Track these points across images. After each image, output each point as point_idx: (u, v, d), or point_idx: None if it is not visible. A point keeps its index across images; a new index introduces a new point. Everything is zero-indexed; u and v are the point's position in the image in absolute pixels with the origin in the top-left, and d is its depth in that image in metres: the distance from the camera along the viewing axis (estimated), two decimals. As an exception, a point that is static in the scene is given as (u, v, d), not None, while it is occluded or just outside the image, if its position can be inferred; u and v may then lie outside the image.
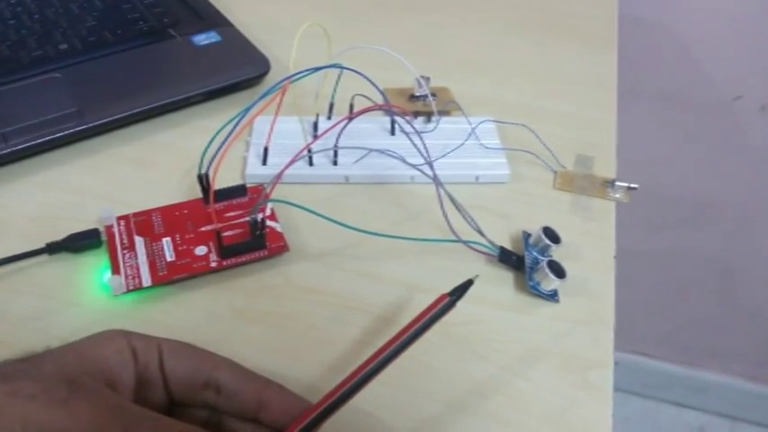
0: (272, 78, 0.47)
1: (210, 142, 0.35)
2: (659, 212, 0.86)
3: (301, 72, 0.36)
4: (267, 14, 0.55)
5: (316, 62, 0.36)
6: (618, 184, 0.39)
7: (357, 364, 0.30)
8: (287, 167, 0.34)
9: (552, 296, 0.33)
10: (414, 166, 0.35)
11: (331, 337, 0.32)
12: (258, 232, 0.33)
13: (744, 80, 0.72)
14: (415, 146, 0.35)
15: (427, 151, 0.34)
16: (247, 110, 0.35)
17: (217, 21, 0.51)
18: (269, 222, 0.35)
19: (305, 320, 0.32)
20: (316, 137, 0.41)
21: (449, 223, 0.33)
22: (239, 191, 0.37)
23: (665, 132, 0.78)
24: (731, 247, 0.87)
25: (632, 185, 0.39)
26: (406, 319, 0.32)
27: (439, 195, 0.34)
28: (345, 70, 0.38)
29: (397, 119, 0.41)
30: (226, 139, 0.34)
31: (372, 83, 0.39)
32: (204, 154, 0.35)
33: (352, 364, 0.31)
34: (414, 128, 0.35)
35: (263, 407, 0.25)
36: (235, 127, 0.34)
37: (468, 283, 0.28)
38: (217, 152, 0.34)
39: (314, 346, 0.31)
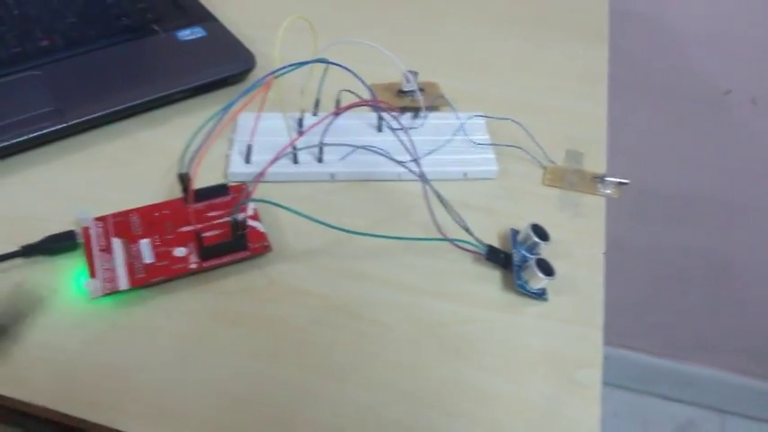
0: (258, 74, 0.46)
1: (191, 140, 0.34)
2: (649, 206, 0.86)
3: (285, 67, 0.35)
4: (254, 9, 0.54)
5: (302, 57, 0.36)
6: (608, 179, 0.39)
7: (341, 366, 0.30)
8: (269, 166, 0.33)
9: (540, 295, 0.33)
10: (399, 162, 0.34)
11: (314, 338, 0.31)
12: (239, 232, 0.32)
13: (734, 74, 0.72)
14: (401, 142, 0.34)
15: (414, 148, 0.34)
16: (228, 107, 0.34)
17: (202, 16, 0.50)
18: (251, 222, 0.34)
19: (288, 322, 0.32)
20: (300, 134, 0.40)
21: (435, 221, 0.33)
22: (221, 190, 0.36)
23: (656, 126, 0.77)
24: (721, 241, 0.87)
25: (623, 180, 0.39)
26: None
27: (425, 193, 0.33)
28: (332, 65, 0.37)
29: (384, 115, 0.41)
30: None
31: (359, 78, 0.38)
32: (185, 152, 0.34)
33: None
34: (400, 124, 0.35)
35: None
36: (216, 125, 0.33)
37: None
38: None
39: (297, 348, 0.31)
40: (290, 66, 0.35)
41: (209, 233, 0.34)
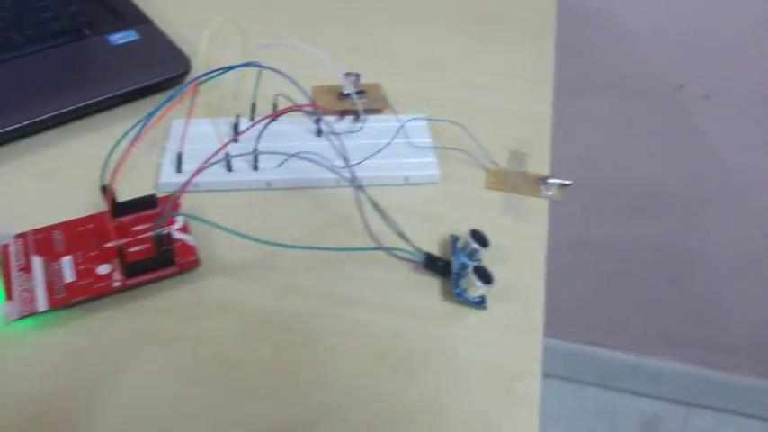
0: (193, 78, 0.44)
1: (112, 150, 0.32)
2: (607, 201, 0.86)
3: (211, 72, 0.33)
4: (194, 10, 0.52)
5: (237, 60, 0.34)
6: (550, 180, 0.38)
7: (272, 385, 0.29)
8: (194, 176, 0.31)
9: (480, 303, 0.32)
10: (331, 169, 0.33)
11: (245, 357, 0.30)
12: (164, 247, 0.31)
13: (687, 68, 0.72)
14: (334, 147, 0.33)
15: (346, 153, 0.32)
16: (152, 114, 0.32)
17: (136, 18, 0.48)
18: (179, 235, 0.33)
19: (217, 341, 0.30)
20: (229, 140, 0.38)
21: (368, 230, 0.31)
22: (148, 202, 0.34)
23: (611, 122, 0.77)
24: (679, 235, 0.88)
25: (565, 182, 0.38)
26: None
27: (357, 200, 0.32)
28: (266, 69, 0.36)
29: (314, 120, 0.39)
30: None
31: (293, 81, 0.37)
32: (106, 163, 0.33)
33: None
34: (331, 128, 0.33)
35: None
36: (139, 133, 0.32)
37: None
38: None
39: (227, 368, 0.29)
40: (217, 70, 0.33)
41: (136, 248, 0.32)
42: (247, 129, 0.35)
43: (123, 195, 0.35)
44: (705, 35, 0.68)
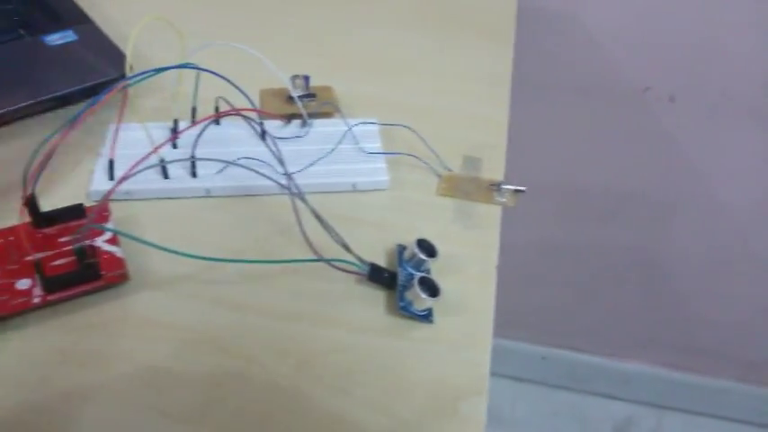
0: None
1: (33, 158, 0.30)
2: (575, 205, 0.85)
3: (141, 74, 0.32)
4: (139, 10, 0.50)
5: (178, 62, 0.33)
6: (504, 187, 0.37)
7: (199, 408, 0.27)
8: (119, 183, 0.29)
9: (426, 317, 0.30)
10: (268, 176, 0.31)
11: (174, 378, 0.28)
12: (88, 260, 0.29)
13: (652, 71, 0.71)
14: (272, 153, 0.31)
15: (282, 159, 0.31)
16: (75, 118, 0.30)
17: (76, 18, 0.46)
18: (108, 247, 0.31)
19: (141, 360, 0.28)
20: (160, 145, 0.36)
21: (307, 240, 0.30)
22: (76, 211, 0.32)
23: (576, 125, 0.77)
24: (648, 238, 0.87)
25: (519, 188, 0.36)
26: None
27: (294, 208, 0.30)
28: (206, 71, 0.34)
29: (254, 124, 0.37)
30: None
31: (231, 83, 0.35)
32: (27, 171, 0.30)
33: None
34: (266, 133, 0.32)
35: None
36: (61, 138, 0.30)
37: None
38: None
39: (154, 390, 0.27)
40: (146, 73, 0.31)
41: (59, 261, 0.30)
42: (182, 131, 0.33)
43: (57, 205, 0.33)
44: (670, 37, 0.68)
